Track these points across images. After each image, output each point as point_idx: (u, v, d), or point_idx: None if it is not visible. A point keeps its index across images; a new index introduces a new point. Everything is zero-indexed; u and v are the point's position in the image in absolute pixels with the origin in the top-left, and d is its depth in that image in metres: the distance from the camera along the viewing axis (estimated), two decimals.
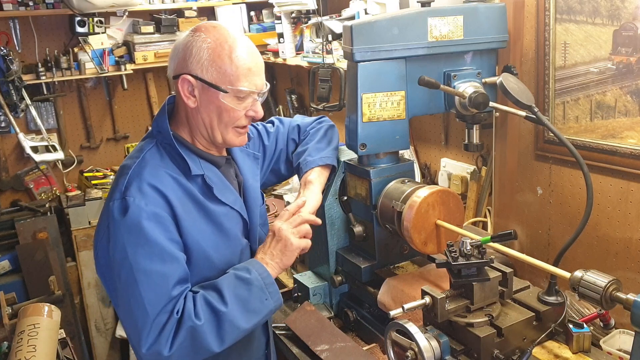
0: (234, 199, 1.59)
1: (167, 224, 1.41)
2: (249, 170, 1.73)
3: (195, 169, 1.50)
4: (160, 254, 1.37)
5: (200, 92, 1.47)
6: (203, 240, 1.47)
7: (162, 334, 1.34)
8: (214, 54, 1.44)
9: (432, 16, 1.70)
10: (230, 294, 1.41)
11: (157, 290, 1.36)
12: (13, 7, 3.49)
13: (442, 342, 1.34)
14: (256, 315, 1.44)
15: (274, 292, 1.47)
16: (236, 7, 4.08)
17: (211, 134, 1.52)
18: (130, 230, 1.37)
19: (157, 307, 1.35)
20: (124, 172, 1.46)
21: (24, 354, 2.20)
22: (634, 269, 1.73)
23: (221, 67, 1.44)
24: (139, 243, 1.36)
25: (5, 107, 3.44)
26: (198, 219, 1.48)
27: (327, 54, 2.85)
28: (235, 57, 1.45)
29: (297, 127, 1.94)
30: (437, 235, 1.61)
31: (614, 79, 1.67)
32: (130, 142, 4.27)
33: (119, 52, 3.84)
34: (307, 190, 1.75)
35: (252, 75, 1.47)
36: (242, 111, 1.50)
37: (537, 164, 1.96)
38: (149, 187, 1.41)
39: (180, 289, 1.39)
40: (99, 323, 3.87)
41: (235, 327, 1.40)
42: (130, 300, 1.37)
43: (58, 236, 3.68)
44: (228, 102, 1.47)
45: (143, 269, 1.36)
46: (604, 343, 1.55)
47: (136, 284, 1.35)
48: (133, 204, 1.38)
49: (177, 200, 1.44)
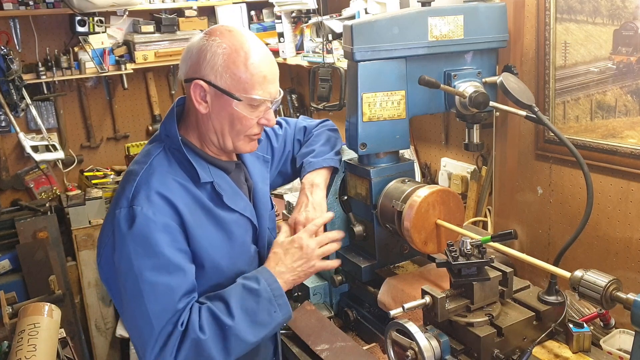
0: (244, 205, 1.56)
1: (176, 233, 1.38)
2: (259, 174, 1.70)
3: (205, 176, 1.46)
4: (166, 266, 1.34)
5: (212, 98, 1.43)
6: (212, 248, 1.45)
7: (167, 346, 1.32)
8: (229, 60, 1.40)
9: (433, 16, 1.70)
10: (237, 306, 1.37)
11: (163, 303, 1.33)
12: (13, 6, 3.48)
13: (442, 342, 1.34)
14: (264, 328, 1.40)
15: (284, 304, 1.43)
16: (236, 6, 4.07)
17: (222, 141, 1.48)
18: (137, 241, 1.34)
19: (162, 320, 1.33)
20: (131, 178, 1.42)
21: (24, 354, 2.20)
22: (634, 268, 1.73)
23: (236, 74, 1.40)
24: (146, 254, 1.33)
25: (6, 106, 3.44)
26: (207, 226, 1.45)
27: (328, 54, 2.85)
28: (250, 64, 1.40)
29: (303, 129, 1.93)
30: (437, 235, 1.61)
31: (615, 78, 1.67)
32: (131, 141, 4.27)
33: (119, 51, 3.83)
34: (315, 196, 1.71)
35: (267, 84, 1.43)
36: (255, 119, 1.46)
37: (537, 163, 1.96)
38: (157, 195, 1.37)
39: (187, 301, 1.37)
40: (99, 322, 3.87)
41: (241, 341, 1.37)
42: (135, 312, 1.35)
43: (58, 236, 3.68)
44: (241, 110, 1.43)
45: (149, 280, 1.33)
46: (604, 343, 1.55)
47: (142, 296, 1.32)
48: (141, 213, 1.34)
49: (185, 208, 1.40)
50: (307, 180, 1.76)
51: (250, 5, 4.12)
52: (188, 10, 4.01)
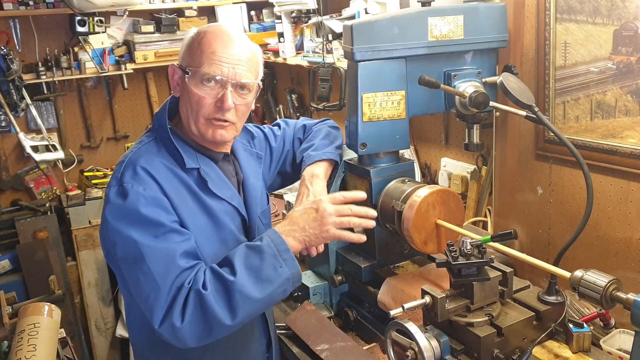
0: (231, 195, 1.58)
1: (167, 206, 1.42)
2: (251, 169, 1.72)
3: (190, 162, 1.51)
4: (162, 231, 1.37)
5: (180, 79, 1.52)
6: (198, 231, 1.46)
7: (175, 305, 1.32)
8: (189, 40, 1.51)
9: (433, 16, 1.70)
10: (240, 264, 1.37)
11: (165, 263, 1.35)
12: (13, 6, 3.49)
13: (442, 342, 1.34)
14: (270, 284, 1.37)
15: (289, 259, 1.40)
16: (236, 6, 4.08)
17: (192, 127, 1.51)
18: (130, 213, 1.38)
19: (168, 279, 1.33)
20: (121, 161, 1.49)
21: (24, 354, 2.20)
22: (634, 268, 1.73)
23: (190, 50, 1.49)
24: (141, 224, 1.37)
25: (6, 106, 3.44)
26: (194, 209, 1.48)
27: (328, 54, 2.85)
28: (203, 41, 1.47)
29: (303, 127, 1.95)
30: (437, 235, 1.61)
31: (615, 78, 1.67)
32: (131, 141, 4.27)
33: (119, 51, 3.83)
34: (316, 186, 1.71)
35: (217, 60, 1.45)
36: (209, 99, 1.47)
37: (537, 163, 1.96)
38: (143, 172, 1.43)
39: (190, 262, 1.38)
40: (99, 322, 3.87)
41: (246, 297, 1.34)
42: (139, 278, 1.35)
43: (58, 235, 3.68)
44: (192, 85, 1.47)
45: (147, 245, 1.35)
46: (604, 343, 1.55)
47: (144, 260, 1.34)
48: (132, 190, 1.39)
49: (171, 189, 1.44)
50: (307, 172, 1.76)
51: (250, 5, 4.12)
52: (188, 10, 4.02)
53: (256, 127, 1.91)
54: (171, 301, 1.33)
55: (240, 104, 1.50)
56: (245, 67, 1.49)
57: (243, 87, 1.50)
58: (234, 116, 1.51)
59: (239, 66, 1.47)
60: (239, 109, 1.51)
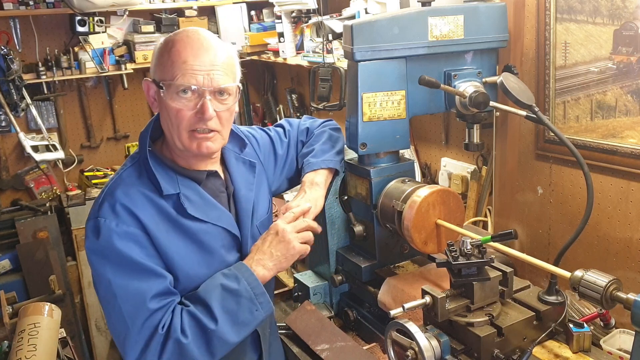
0: (218, 215, 1.53)
1: (142, 240, 1.39)
2: (242, 180, 1.65)
3: (168, 188, 1.45)
4: (134, 270, 1.36)
5: (157, 94, 1.45)
6: (180, 258, 1.44)
7: (149, 349, 1.33)
8: (158, 52, 1.44)
9: (433, 15, 1.70)
10: (219, 309, 1.37)
11: (134, 304, 1.35)
12: (13, 6, 3.49)
13: (443, 342, 1.34)
14: (246, 327, 1.41)
15: (265, 302, 1.43)
16: (236, 6, 4.08)
17: (176, 142, 1.45)
18: (104, 251, 1.37)
19: (137, 320, 1.34)
20: (103, 190, 1.47)
21: (24, 353, 2.20)
22: (634, 268, 1.73)
23: (161, 63, 1.42)
24: (113, 262, 1.37)
25: (6, 106, 3.44)
26: (174, 237, 1.44)
27: (328, 54, 2.85)
28: (172, 51, 1.40)
29: (305, 130, 1.91)
30: (437, 235, 1.61)
31: (615, 78, 1.67)
32: (131, 141, 4.27)
33: (120, 51, 3.84)
34: (312, 193, 1.70)
35: (190, 69, 1.38)
36: (189, 111, 1.40)
37: (537, 163, 1.96)
38: (120, 206, 1.40)
39: (161, 303, 1.37)
40: (99, 322, 3.87)
41: (224, 342, 1.37)
42: (111, 315, 1.37)
43: (58, 235, 3.69)
44: (168, 100, 1.40)
45: (119, 284, 1.35)
46: (604, 343, 1.55)
47: (115, 299, 1.35)
48: (104, 225, 1.38)
49: (149, 219, 1.41)
50: (307, 179, 1.75)
51: (250, 5, 4.12)
52: (188, 10, 4.02)
53: (261, 129, 1.87)
54: (144, 345, 1.33)
55: (222, 110, 1.44)
56: (221, 72, 1.42)
57: (222, 92, 1.43)
58: (217, 124, 1.44)
59: (213, 72, 1.40)
60: (222, 116, 1.45)
